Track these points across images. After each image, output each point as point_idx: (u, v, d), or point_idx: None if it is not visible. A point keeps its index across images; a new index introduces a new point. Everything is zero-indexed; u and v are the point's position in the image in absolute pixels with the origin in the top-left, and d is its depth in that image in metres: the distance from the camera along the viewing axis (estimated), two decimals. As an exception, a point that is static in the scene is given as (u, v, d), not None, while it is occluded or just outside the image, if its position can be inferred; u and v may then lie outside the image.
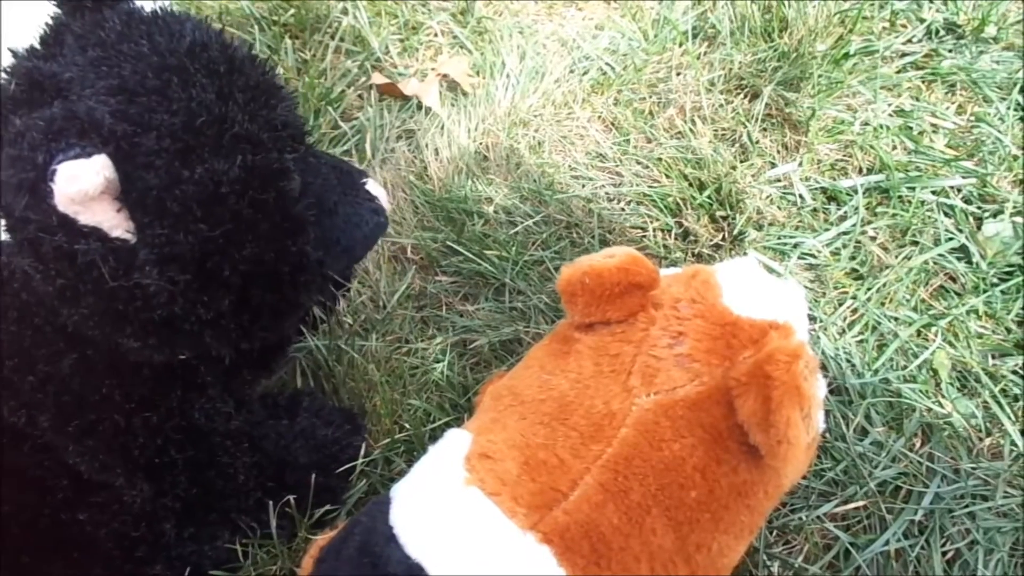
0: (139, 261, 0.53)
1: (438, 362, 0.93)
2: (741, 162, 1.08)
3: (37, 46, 0.57)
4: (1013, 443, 0.85)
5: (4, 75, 0.55)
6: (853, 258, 0.99)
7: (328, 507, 0.80)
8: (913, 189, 1.03)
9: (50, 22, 0.58)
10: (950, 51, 1.18)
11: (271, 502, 0.75)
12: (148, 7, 0.59)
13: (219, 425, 0.70)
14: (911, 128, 1.10)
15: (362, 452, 0.83)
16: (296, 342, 0.88)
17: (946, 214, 1.02)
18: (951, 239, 0.99)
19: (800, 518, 0.81)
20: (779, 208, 1.03)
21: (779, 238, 1.00)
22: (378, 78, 1.22)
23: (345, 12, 1.27)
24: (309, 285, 0.64)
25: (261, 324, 0.62)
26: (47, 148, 0.49)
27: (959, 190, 1.03)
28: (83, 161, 0.48)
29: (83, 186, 0.48)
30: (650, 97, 1.16)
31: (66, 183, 0.48)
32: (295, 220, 0.60)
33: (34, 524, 0.67)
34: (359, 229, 0.66)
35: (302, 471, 0.79)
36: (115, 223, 0.51)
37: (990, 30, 1.18)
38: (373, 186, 0.68)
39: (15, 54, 0.56)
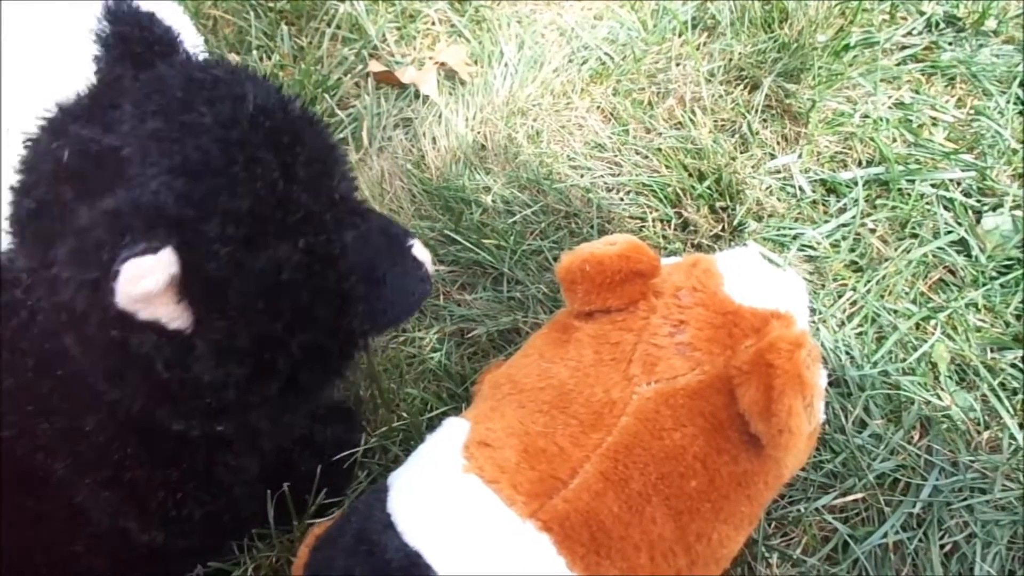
0: (196, 353, 0.50)
1: (435, 351, 0.93)
2: (741, 153, 1.07)
3: (87, 103, 0.52)
4: (1012, 436, 0.84)
5: (57, 143, 0.50)
6: (852, 250, 0.98)
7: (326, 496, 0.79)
8: (913, 182, 1.03)
9: (100, 76, 0.54)
10: (950, 44, 1.17)
11: (268, 492, 0.74)
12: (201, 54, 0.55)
13: (241, 479, 0.67)
14: (911, 121, 1.09)
15: (361, 446, 0.82)
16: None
17: (946, 207, 1.01)
18: (950, 232, 0.99)
19: (799, 510, 0.80)
20: (779, 199, 1.03)
21: (779, 229, 1.00)
22: (375, 66, 1.20)
23: (342, -1, 1.26)
24: (353, 355, 0.62)
25: (307, 397, 0.61)
26: (112, 246, 0.44)
27: (959, 183, 1.03)
28: (149, 258, 0.44)
29: (148, 286, 0.44)
30: (649, 87, 1.16)
31: (130, 284, 0.44)
32: (348, 298, 0.56)
33: (35, 552, 0.66)
34: (407, 299, 0.63)
35: (305, 479, 0.77)
36: (174, 316, 0.48)
37: (990, 23, 1.18)
38: (419, 249, 0.63)
39: (63, 110, 0.52)
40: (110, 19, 0.54)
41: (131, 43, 0.54)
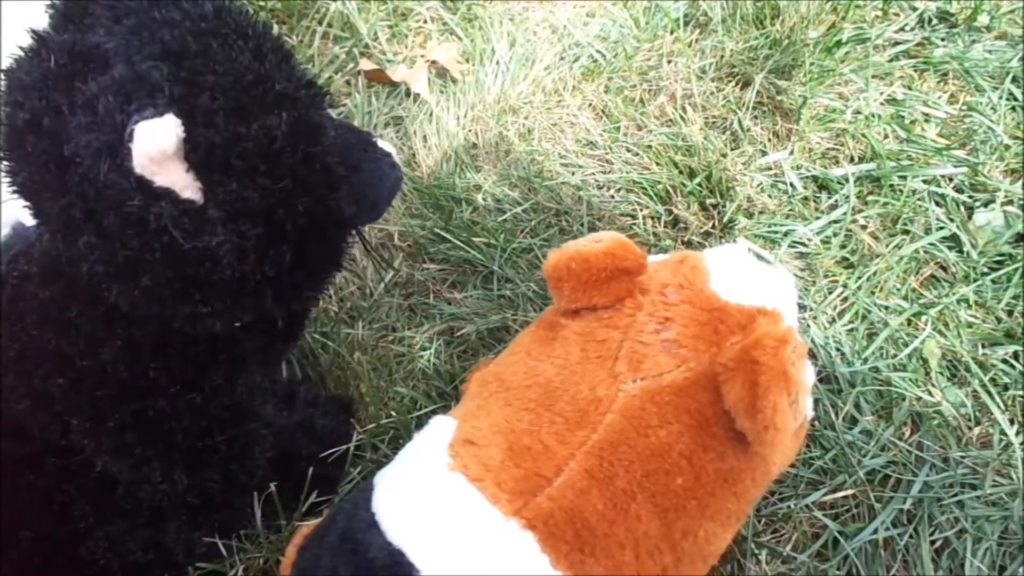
0: (209, 220, 0.52)
1: (425, 350, 0.92)
2: (732, 150, 1.07)
3: (60, 20, 0.56)
4: (1002, 432, 0.84)
5: (42, 53, 0.53)
6: (844, 247, 0.98)
7: (318, 495, 0.79)
8: (904, 178, 1.02)
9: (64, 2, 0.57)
10: (943, 40, 1.17)
11: (256, 493, 0.75)
12: None
13: (258, 403, 0.70)
14: (903, 117, 1.09)
15: (354, 438, 0.82)
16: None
17: (937, 203, 1.01)
18: (942, 228, 0.99)
19: (788, 506, 0.80)
20: (770, 196, 1.02)
21: (769, 226, 0.99)
22: (366, 64, 1.20)
23: (333, -2, 1.26)
24: (346, 240, 0.65)
25: (312, 282, 0.63)
26: (122, 109, 0.48)
27: (950, 179, 1.03)
28: (159, 120, 0.48)
29: (162, 144, 0.48)
30: (641, 84, 1.15)
31: (146, 142, 0.48)
32: (333, 174, 0.60)
33: (50, 554, 0.66)
34: (382, 184, 0.67)
35: (304, 463, 0.78)
36: (185, 183, 0.51)
37: (983, 19, 1.18)
38: (384, 144, 0.69)
39: (38, 33, 0.55)
40: None
41: None
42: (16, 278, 0.62)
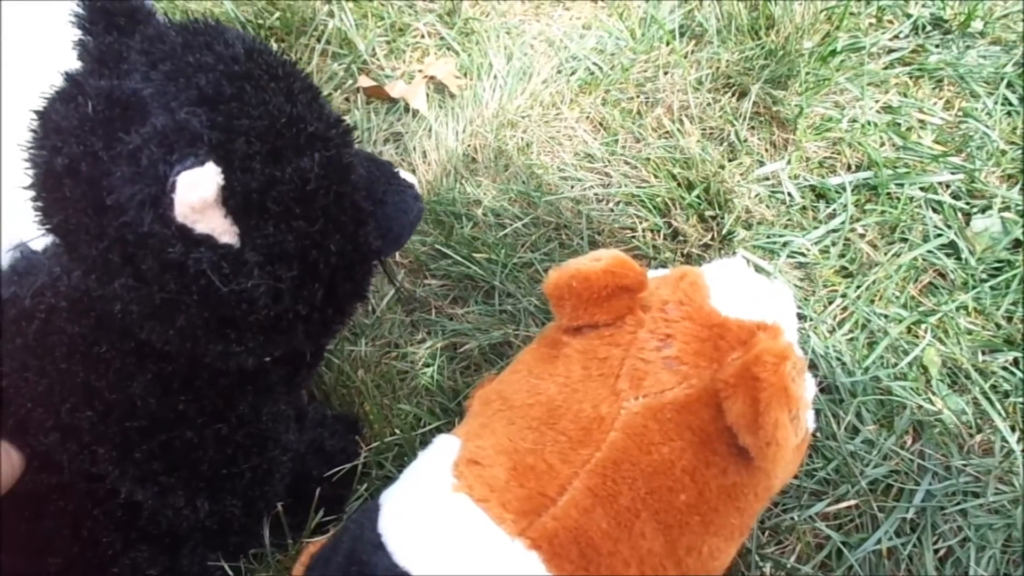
0: (246, 264, 0.53)
1: (428, 366, 0.93)
2: (729, 161, 1.07)
3: (93, 66, 0.56)
4: (1004, 439, 0.85)
5: (79, 98, 0.54)
6: (842, 256, 0.99)
7: (326, 514, 0.80)
8: (901, 185, 1.03)
9: (108, 40, 0.57)
10: (937, 46, 1.18)
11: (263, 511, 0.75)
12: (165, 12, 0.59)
13: (282, 431, 0.71)
14: (899, 124, 1.10)
15: (361, 456, 0.83)
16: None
17: (935, 210, 1.02)
18: (940, 235, 0.99)
19: (792, 518, 0.81)
20: (768, 207, 1.03)
21: (768, 237, 1.00)
22: (365, 81, 1.21)
23: (331, 14, 1.27)
24: (371, 273, 0.66)
25: (339, 316, 0.64)
26: (164, 160, 0.49)
27: (947, 186, 1.03)
28: (200, 169, 0.49)
29: (203, 193, 0.49)
30: (638, 97, 1.16)
31: (187, 192, 0.48)
32: (362, 211, 0.61)
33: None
34: (406, 216, 0.68)
35: (315, 484, 0.79)
36: (223, 229, 0.52)
37: (976, 25, 1.18)
38: (406, 175, 0.70)
39: (73, 77, 0.56)
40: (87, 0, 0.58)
41: (112, 15, 0.57)
42: (43, 311, 0.62)
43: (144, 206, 0.49)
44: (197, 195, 0.49)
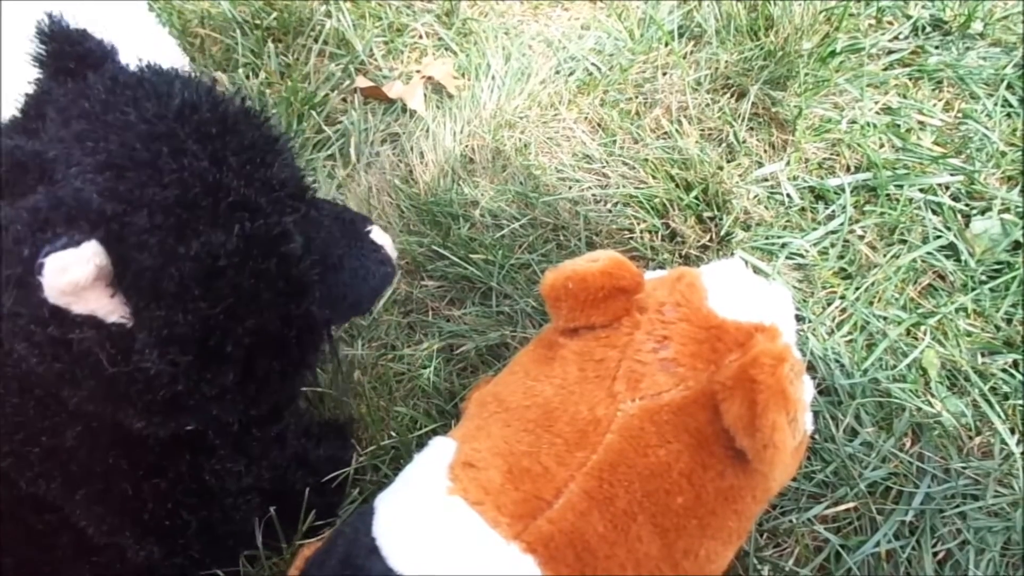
0: (138, 345, 0.50)
1: (424, 368, 0.92)
2: (728, 162, 1.07)
3: (18, 117, 0.54)
4: (1003, 442, 0.84)
5: None
6: (841, 257, 0.98)
7: (318, 518, 0.79)
8: (901, 187, 1.03)
9: (31, 91, 0.55)
10: (936, 48, 1.17)
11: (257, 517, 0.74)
12: (135, 62, 0.56)
13: (231, 485, 0.67)
14: (898, 126, 1.09)
15: (353, 463, 0.82)
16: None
17: (934, 212, 1.01)
18: (939, 237, 0.99)
19: (790, 521, 0.80)
20: (766, 208, 1.03)
21: (767, 238, 1.00)
22: (362, 81, 1.21)
23: (328, 15, 1.26)
24: (317, 344, 0.62)
25: (269, 391, 0.60)
26: (33, 240, 0.46)
27: (947, 187, 1.03)
28: (72, 251, 0.45)
29: (73, 277, 0.45)
30: (636, 97, 1.16)
31: (55, 276, 0.45)
32: (299, 283, 0.57)
33: None
34: (366, 283, 0.63)
35: (300, 497, 0.77)
36: (110, 309, 0.49)
37: (976, 26, 1.18)
38: (378, 234, 0.65)
39: None
40: (42, 38, 0.55)
41: (63, 59, 0.55)
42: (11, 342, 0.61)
43: (7, 286, 0.46)
44: (66, 279, 0.45)
